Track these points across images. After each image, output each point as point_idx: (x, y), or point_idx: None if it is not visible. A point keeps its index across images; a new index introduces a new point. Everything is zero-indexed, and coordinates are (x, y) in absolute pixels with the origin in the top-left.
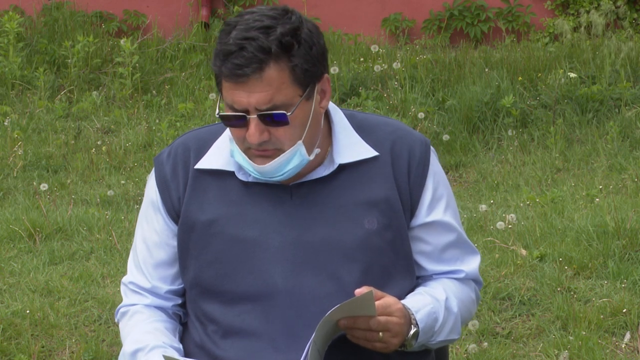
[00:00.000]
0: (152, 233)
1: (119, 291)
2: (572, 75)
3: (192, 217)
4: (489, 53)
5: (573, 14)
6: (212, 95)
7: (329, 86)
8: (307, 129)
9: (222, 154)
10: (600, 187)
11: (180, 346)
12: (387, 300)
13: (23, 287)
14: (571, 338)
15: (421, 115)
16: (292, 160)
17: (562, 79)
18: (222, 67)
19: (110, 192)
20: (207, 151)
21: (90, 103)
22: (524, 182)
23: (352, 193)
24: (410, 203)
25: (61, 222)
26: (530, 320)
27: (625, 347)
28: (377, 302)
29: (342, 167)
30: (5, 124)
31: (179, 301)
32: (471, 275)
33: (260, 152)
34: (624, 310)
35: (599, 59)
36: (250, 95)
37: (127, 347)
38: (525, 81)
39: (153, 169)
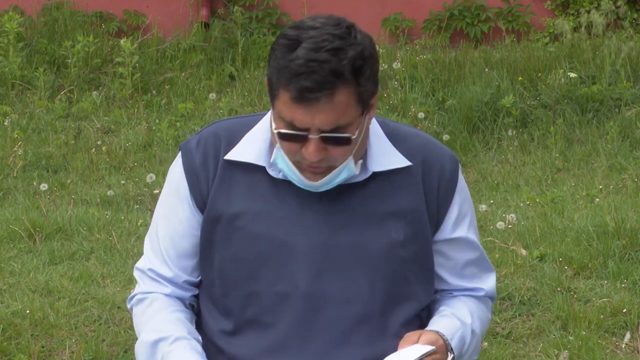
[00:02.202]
0: (176, 223)
1: (119, 291)
2: (572, 75)
3: (219, 209)
4: (489, 53)
5: (573, 14)
6: (212, 95)
7: (376, 100)
8: (359, 143)
9: (254, 147)
10: (600, 187)
11: (200, 337)
12: (430, 338)
13: (23, 287)
14: (571, 338)
15: (421, 115)
16: (340, 174)
17: (562, 79)
18: (290, 86)
19: (110, 192)
20: (237, 143)
21: (90, 103)
22: (524, 182)
23: (382, 202)
24: (437, 217)
25: (61, 222)
26: (530, 320)
27: (625, 347)
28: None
29: (374, 175)
30: (5, 124)
31: (195, 292)
32: (490, 293)
33: (312, 169)
34: (624, 310)
35: (599, 59)
36: (315, 117)
37: (147, 336)
38: (525, 81)
39: (179, 156)
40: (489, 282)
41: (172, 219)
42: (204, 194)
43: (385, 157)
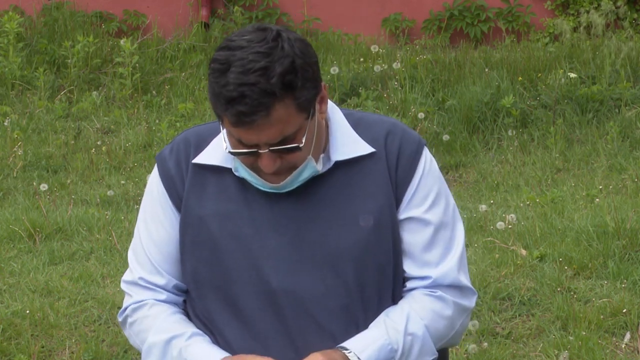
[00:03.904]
0: (160, 228)
1: (119, 291)
2: (572, 75)
3: (191, 212)
4: (489, 53)
5: (573, 14)
6: None
7: (326, 91)
8: (314, 143)
9: (221, 150)
10: (600, 187)
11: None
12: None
13: (23, 287)
14: (571, 338)
15: (421, 115)
16: (302, 174)
17: (562, 79)
18: (227, 112)
19: (110, 192)
20: (206, 146)
21: (90, 103)
22: (524, 182)
23: (348, 190)
24: (396, 198)
25: (61, 222)
26: (530, 320)
27: (625, 347)
28: None
29: (338, 164)
30: (5, 124)
31: (185, 297)
32: (441, 281)
33: (273, 172)
34: (624, 311)
35: (599, 59)
36: (260, 134)
37: (157, 337)
38: (525, 81)
39: (155, 166)
40: (443, 268)
41: (155, 226)
42: (182, 197)
43: (349, 146)
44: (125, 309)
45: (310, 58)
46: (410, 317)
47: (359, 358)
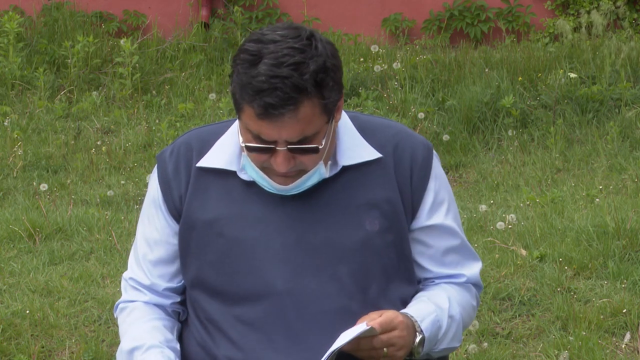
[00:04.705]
0: (153, 230)
1: (119, 291)
2: (572, 75)
3: (194, 216)
4: (489, 53)
5: (573, 14)
6: (212, 96)
7: (342, 101)
8: (327, 148)
9: (225, 152)
10: (600, 187)
11: (178, 345)
12: (388, 315)
13: (23, 287)
14: (571, 338)
15: (421, 115)
16: (311, 178)
17: (562, 79)
18: (253, 103)
19: (110, 192)
20: (209, 150)
21: (90, 103)
22: (524, 182)
23: (354, 194)
24: (412, 206)
25: (61, 222)
26: (530, 321)
27: (625, 347)
28: (377, 320)
29: (345, 169)
30: (5, 124)
31: (178, 299)
32: (472, 280)
33: (283, 174)
34: (624, 311)
35: (599, 59)
36: (281, 130)
37: (125, 344)
38: (525, 81)
39: (155, 166)
40: (471, 269)
41: (149, 227)
42: (177, 203)
43: (356, 150)
44: (117, 306)
45: (339, 62)
46: (451, 300)
47: (419, 325)
